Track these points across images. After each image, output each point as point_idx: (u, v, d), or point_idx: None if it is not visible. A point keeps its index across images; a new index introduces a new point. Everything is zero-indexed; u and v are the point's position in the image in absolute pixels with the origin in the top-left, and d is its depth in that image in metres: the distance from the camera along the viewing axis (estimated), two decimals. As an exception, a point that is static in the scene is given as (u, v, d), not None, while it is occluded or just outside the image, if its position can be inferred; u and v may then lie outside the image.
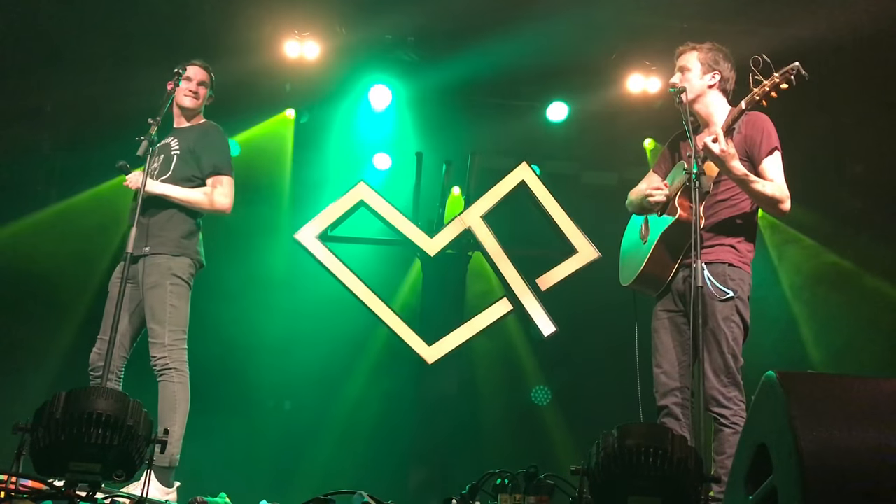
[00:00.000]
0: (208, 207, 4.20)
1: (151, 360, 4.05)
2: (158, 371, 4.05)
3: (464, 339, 6.03)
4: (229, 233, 6.91)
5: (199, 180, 4.23)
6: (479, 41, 6.20)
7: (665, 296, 3.80)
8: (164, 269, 4.09)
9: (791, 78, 3.41)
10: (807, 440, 1.86)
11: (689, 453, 2.63)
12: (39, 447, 2.68)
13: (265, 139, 7.14)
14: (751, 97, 3.50)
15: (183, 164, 4.21)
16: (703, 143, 3.51)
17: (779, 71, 3.43)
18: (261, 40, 6.41)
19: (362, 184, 6.13)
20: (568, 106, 6.97)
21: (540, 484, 3.58)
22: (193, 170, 4.22)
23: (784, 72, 3.42)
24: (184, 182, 4.18)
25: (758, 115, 3.67)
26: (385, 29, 6.49)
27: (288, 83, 6.96)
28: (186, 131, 4.31)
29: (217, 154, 4.27)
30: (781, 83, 3.42)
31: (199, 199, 4.17)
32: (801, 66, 3.40)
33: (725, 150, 3.47)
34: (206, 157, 4.23)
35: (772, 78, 3.44)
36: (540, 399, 7.64)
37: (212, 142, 4.30)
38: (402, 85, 6.88)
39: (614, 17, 6.12)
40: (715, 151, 3.47)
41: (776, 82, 3.43)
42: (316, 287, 6.47)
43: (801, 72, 3.40)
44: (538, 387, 7.63)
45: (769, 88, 3.44)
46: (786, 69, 3.42)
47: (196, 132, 4.31)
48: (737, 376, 3.55)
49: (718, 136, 3.48)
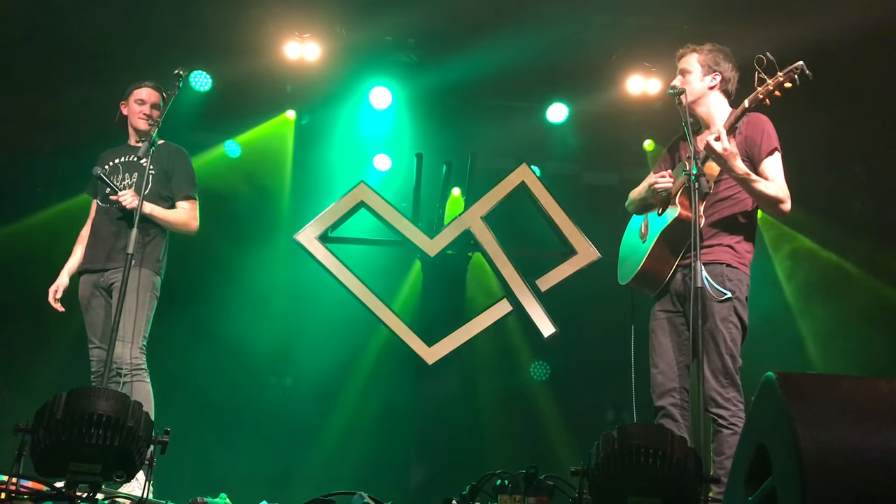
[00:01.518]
0: (184, 228, 4.44)
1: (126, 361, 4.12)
2: (132, 370, 4.11)
3: (464, 340, 6.03)
4: (230, 234, 6.93)
5: (171, 200, 4.44)
6: (479, 42, 6.20)
7: (663, 296, 3.81)
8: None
9: (795, 77, 3.40)
10: (806, 441, 1.86)
11: (688, 454, 2.63)
12: (40, 448, 2.68)
13: (266, 140, 7.14)
14: (754, 96, 3.49)
15: (158, 184, 4.39)
16: (706, 141, 3.51)
17: (783, 70, 3.42)
18: (261, 42, 6.41)
19: (362, 185, 6.13)
20: (568, 107, 6.97)
21: (540, 485, 3.58)
22: (167, 190, 4.42)
23: (788, 71, 3.42)
24: (160, 201, 4.39)
25: (758, 115, 3.67)
26: (385, 30, 6.49)
27: (288, 84, 6.96)
28: (157, 152, 4.27)
29: (189, 178, 4.50)
30: (785, 82, 3.42)
31: (182, 221, 4.42)
32: (805, 65, 3.40)
33: (728, 149, 3.47)
34: (178, 181, 4.45)
35: (776, 77, 3.43)
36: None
37: (183, 165, 4.51)
38: (403, 86, 6.88)
39: (614, 18, 6.12)
40: (717, 150, 3.47)
41: (780, 81, 3.42)
42: (316, 288, 6.47)
43: (805, 71, 3.39)
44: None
45: (773, 87, 3.44)
46: (790, 68, 3.41)
47: (165, 153, 4.45)
48: (735, 377, 3.55)
49: (721, 135, 3.48)
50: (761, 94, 3.47)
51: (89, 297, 4.35)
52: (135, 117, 4.44)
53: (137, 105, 4.44)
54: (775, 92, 3.44)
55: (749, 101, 3.51)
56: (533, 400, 7.57)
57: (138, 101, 4.44)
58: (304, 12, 6.29)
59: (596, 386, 6.90)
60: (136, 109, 4.43)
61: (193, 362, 6.57)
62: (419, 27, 6.44)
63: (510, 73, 6.63)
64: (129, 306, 4.03)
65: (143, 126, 4.40)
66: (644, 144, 7.11)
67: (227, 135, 7.05)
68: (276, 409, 7.09)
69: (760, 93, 3.47)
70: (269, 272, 7.10)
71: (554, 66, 6.64)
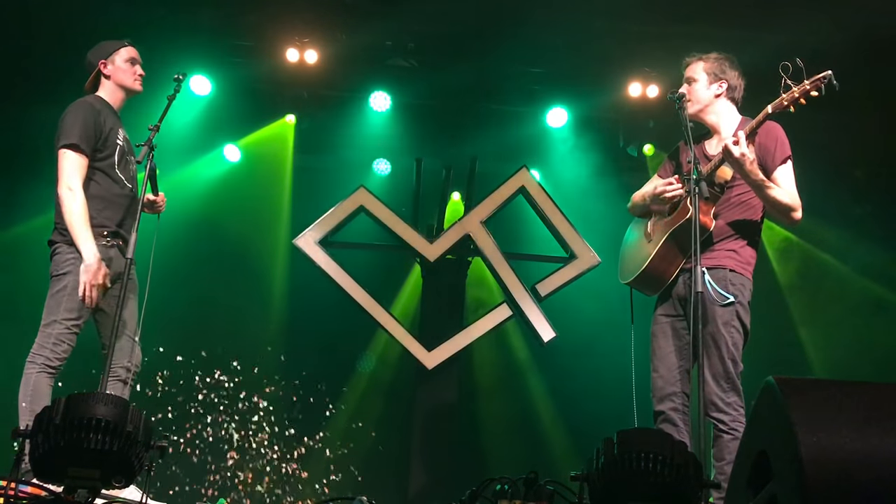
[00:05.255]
0: None
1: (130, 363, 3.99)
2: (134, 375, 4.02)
3: (463, 345, 6.03)
4: (229, 239, 6.93)
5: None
6: (478, 47, 6.21)
7: (665, 300, 3.80)
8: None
9: (822, 87, 3.36)
10: (807, 446, 1.85)
11: (688, 459, 2.63)
12: (38, 453, 2.68)
13: (266, 144, 7.15)
14: (779, 102, 3.45)
15: None
16: (724, 145, 3.50)
17: (810, 78, 3.38)
18: (262, 47, 6.43)
19: (362, 189, 6.14)
20: (568, 112, 6.98)
21: (540, 490, 3.57)
22: None
23: (815, 79, 3.38)
24: None
25: (771, 123, 3.65)
26: (385, 35, 6.50)
27: (288, 89, 6.97)
28: None
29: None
30: (811, 90, 3.38)
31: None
32: (832, 75, 3.35)
33: (745, 154, 3.46)
34: None
35: (802, 85, 3.40)
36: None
37: None
38: (402, 90, 6.88)
39: (614, 23, 6.12)
40: (735, 154, 3.46)
41: (806, 89, 3.38)
42: (316, 292, 6.47)
43: (832, 81, 3.35)
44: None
45: (798, 95, 3.40)
46: (818, 77, 3.37)
47: None
48: (736, 382, 3.55)
49: (739, 139, 3.47)
50: (786, 100, 3.42)
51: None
52: (128, 78, 4.08)
53: (129, 65, 4.08)
54: (800, 100, 3.40)
55: (773, 107, 3.46)
56: (533, 404, 7.56)
57: (130, 60, 4.08)
58: (304, 17, 6.30)
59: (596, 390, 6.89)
60: (131, 69, 4.08)
61: (191, 367, 6.56)
62: (419, 32, 6.46)
63: (510, 77, 6.64)
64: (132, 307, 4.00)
65: (139, 87, 4.11)
66: (644, 149, 7.12)
67: (227, 139, 7.05)
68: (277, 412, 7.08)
69: (785, 99, 3.42)
70: (269, 277, 7.10)
71: (554, 70, 6.65)
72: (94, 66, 4.10)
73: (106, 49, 4.11)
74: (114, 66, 4.09)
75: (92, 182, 3.93)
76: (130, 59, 4.11)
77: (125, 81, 4.10)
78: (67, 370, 3.88)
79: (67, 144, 3.85)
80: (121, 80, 4.10)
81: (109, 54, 4.09)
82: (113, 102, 4.11)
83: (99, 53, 4.11)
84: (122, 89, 4.12)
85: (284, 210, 7.22)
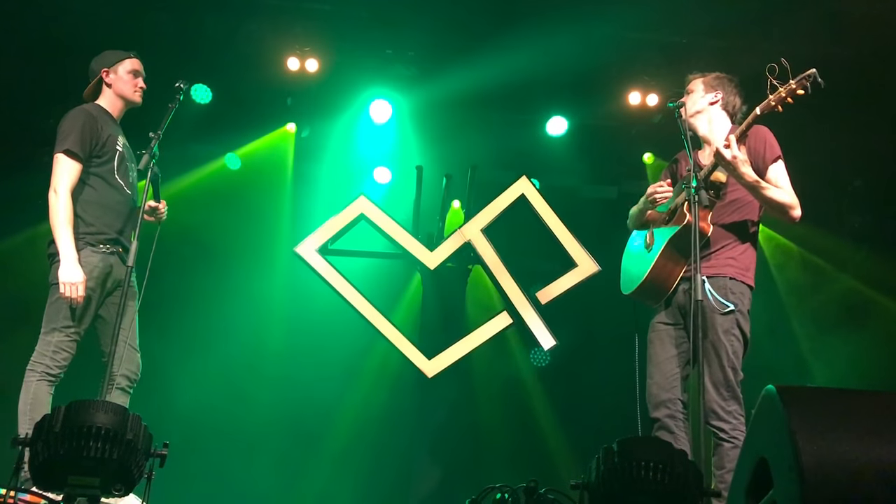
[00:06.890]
0: None
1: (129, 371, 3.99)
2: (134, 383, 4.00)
3: (464, 353, 6.01)
4: (229, 247, 6.93)
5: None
6: (479, 55, 6.22)
7: (665, 308, 3.81)
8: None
9: (807, 84, 3.40)
10: (807, 454, 1.85)
11: (688, 468, 2.63)
12: (38, 461, 2.67)
13: (266, 153, 7.15)
14: (766, 103, 3.49)
15: None
16: (715, 148, 3.53)
17: (795, 77, 3.43)
18: (262, 55, 6.44)
19: (362, 197, 6.13)
20: (568, 120, 6.99)
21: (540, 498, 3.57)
22: None
23: (801, 78, 3.42)
24: None
25: (758, 127, 3.69)
26: (385, 43, 6.52)
27: (289, 97, 6.98)
28: None
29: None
30: (797, 89, 3.42)
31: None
32: (817, 73, 3.40)
33: (737, 157, 3.48)
34: None
35: (788, 84, 3.44)
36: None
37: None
38: (403, 99, 6.89)
39: (614, 32, 6.14)
40: (727, 157, 3.48)
41: (792, 88, 3.43)
42: (316, 300, 6.47)
43: (817, 79, 3.39)
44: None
45: (785, 94, 3.44)
46: (802, 75, 3.42)
47: None
48: (736, 390, 3.55)
49: (731, 142, 3.50)
50: (773, 101, 3.47)
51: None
52: (129, 89, 4.11)
53: (132, 76, 4.12)
54: (787, 99, 3.44)
55: (761, 109, 3.51)
56: (533, 413, 7.55)
57: (133, 72, 4.12)
58: (305, 26, 6.31)
59: (597, 398, 6.88)
60: (132, 81, 4.12)
61: (193, 374, 6.56)
62: (419, 40, 6.47)
63: (510, 85, 6.65)
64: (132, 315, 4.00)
65: (139, 99, 4.14)
66: (643, 158, 7.13)
67: (227, 147, 7.06)
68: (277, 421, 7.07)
69: (773, 100, 3.47)
70: (269, 285, 7.10)
71: (554, 79, 6.66)
72: (97, 74, 4.13)
73: (110, 58, 4.14)
74: (116, 76, 4.12)
75: (90, 188, 3.96)
76: (133, 71, 4.14)
77: (125, 92, 4.13)
78: (67, 382, 3.87)
79: (61, 150, 3.90)
80: (121, 91, 4.13)
81: (113, 64, 4.12)
82: (112, 111, 4.14)
83: (102, 62, 4.14)
84: (121, 99, 4.15)
85: (285, 218, 7.22)
